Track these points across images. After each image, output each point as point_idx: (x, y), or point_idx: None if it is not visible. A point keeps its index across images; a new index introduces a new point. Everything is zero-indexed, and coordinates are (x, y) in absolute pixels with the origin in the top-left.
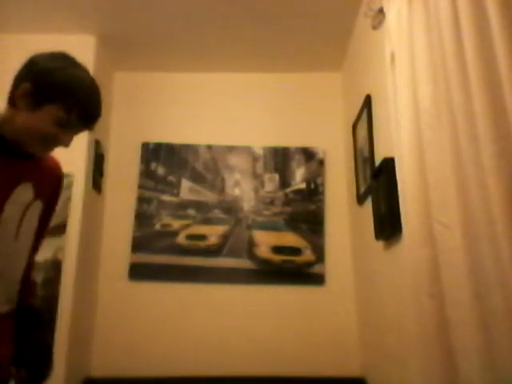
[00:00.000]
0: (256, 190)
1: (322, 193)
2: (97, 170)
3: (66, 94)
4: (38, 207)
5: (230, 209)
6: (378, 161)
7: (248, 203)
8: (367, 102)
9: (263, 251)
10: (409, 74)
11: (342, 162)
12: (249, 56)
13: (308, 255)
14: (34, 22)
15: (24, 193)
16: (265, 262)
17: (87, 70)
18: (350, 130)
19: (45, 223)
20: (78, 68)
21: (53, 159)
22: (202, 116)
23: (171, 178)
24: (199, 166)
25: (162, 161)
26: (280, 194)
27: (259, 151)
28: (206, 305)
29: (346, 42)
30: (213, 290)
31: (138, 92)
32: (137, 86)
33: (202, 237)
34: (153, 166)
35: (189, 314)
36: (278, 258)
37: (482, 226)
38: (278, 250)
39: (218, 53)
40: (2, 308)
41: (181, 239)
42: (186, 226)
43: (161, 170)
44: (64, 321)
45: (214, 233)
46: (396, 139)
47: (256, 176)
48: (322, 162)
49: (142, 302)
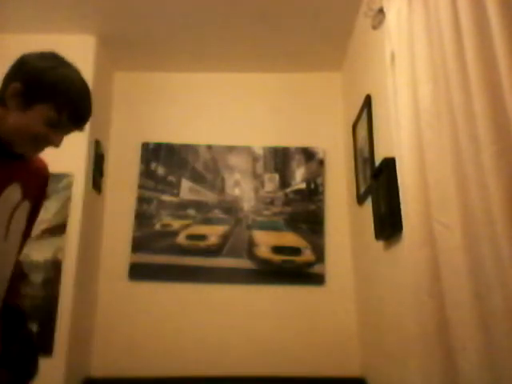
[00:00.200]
0: (256, 190)
1: (322, 193)
2: (97, 170)
3: (56, 94)
4: (25, 207)
5: (230, 209)
6: (377, 161)
7: (248, 203)
8: (367, 102)
9: (263, 251)
10: (409, 74)
11: (342, 162)
12: (249, 56)
13: (308, 255)
14: (34, 21)
15: (13, 193)
16: (265, 262)
17: (77, 69)
18: (350, 130)
19: (31, 223)
20: (68, 68)
21: (40, 160)
22: (201, 116)
23: (171, 178)
24: (199, 166)
25: (162, 161)
26: (280, 193)
27: (259, 151)
28: (206, 305)
29: (346, 42)
30: (213, 290)
31: (138, 92)
32: (137, 86)
33: (202, 237)
34: (153, 165)
35: (189, 314)
36: (278, 257)
37: (481, 226)
38: (278, 249)
39: (218, 53)
40: None
41: (181, 239)
42: (186, 226)
43: (161, 170)
44: (64, 321)
45: (213, 233)
46: (396, 139)
47: (256, 176)
48: (322, 162)
49: (142, 302)
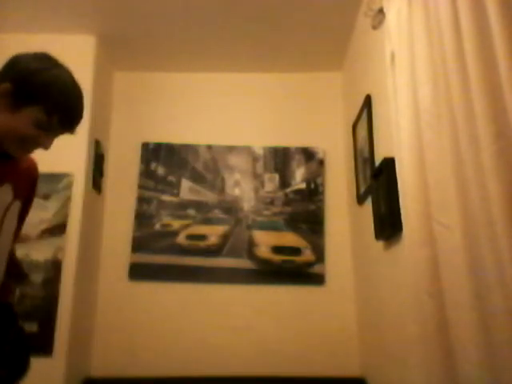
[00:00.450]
0: (256, 190)
1: (322, 193)
2: (97, 170)
3: (47, 96)
4: (17, 207)
5: (230, 209)
6: (378, 161)
7: (248, 203)
8: (367, 102)
9: (263, 251)
10: (409, 74)
11: (342, 162)
12: (249, 56)
13: (308, 255)
14: (34, 21)
15: (5, 194)
16: (265, 262)
17: (70, 71)
18: (350, 130)
19: (21, 223)
20: (60, 69)
21: (30, 159)
22: (202, 116)
23: (171, 178)
24: (199, 166)
25: (162, 161)
26: (280, 193)
27: (259, 151)
28: (206, 305)
29: (346, 42)
30: (213, 290)
31: (138, 92)
32: (137, 86)
33: (202, 237)
34: (153, 165)
35: (189, 313)
36: (278, 257)
37: (481, 226)
38: (278, 249)
39: (218, 53)
40: None
41: (181, 239)
42: (186, 226)
43: (161, 170)
44: (64, 321)
45: (214, 233)
46: (396, 139)
47: (256, 176)
48: (322, 162)
49: (142, 302)
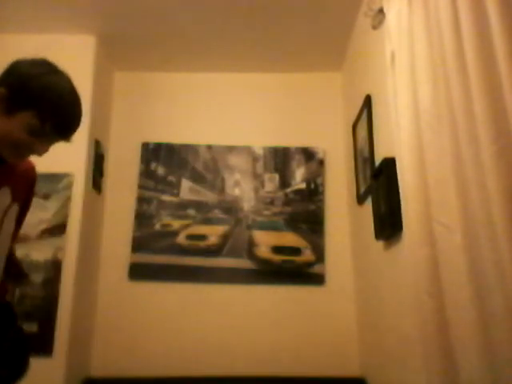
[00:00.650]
0: (256, 190)
1: (322, 193)
2: (97, 170)
3: (40, 102)
4: (15, 210)
5: (230, 209)
6: (378, 161)
7: (248, 203)
8: (367, 102)
9: (263, 251)
10: (409, 74)
11: (342, 162)
12: (249, 56)
13: (308, 255)
14: (34, 21)
15: (3, 197)
16: (265, 262)
17: (69, 78)
18: (350, 130)
19: (19, 225)
20: (58, 76)
21: (28, 161)
22: (201, 116)
23: (171, 178)
24: (199, 166)
25: (162, 161)
26: (280, 193)
27: (259, 151)
28: (206, 305)
29: (346, 42)
30: (213, 290)
31: (138, 92)
32: (137, 86)
33: (202, 237)
34: (153, 165)
35: (189, 313)
36: (278, 257)
37: (481, 226)
38: (278, 249)
39: (218, 53)
40: None
41: (181, 239)
42: (186, 226)
43: (161, 170)
44: (64, 321)
45: (213, 233)
46: (396, 139)
47: (256, 176)
48: (322, 162)
49: (142, 301)
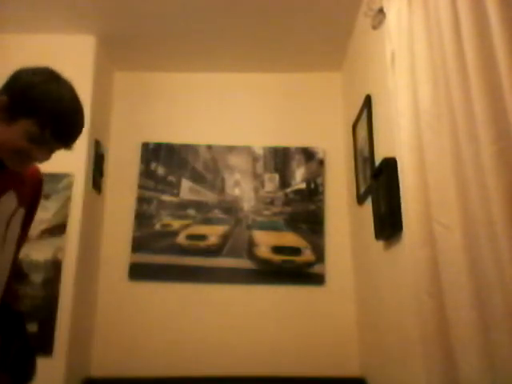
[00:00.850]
0: (256, 190)
1: (322, 193)
2: (97, 170)
3: (39, 109)
4: (20, 214)
5: (230, 209)
6: (377, 161)
7: (248, 203)
8: (367, 102)
9: (263, 251)
10: (409, 74)
11: (342, 162)
12: (249, 56)
13: (308, 255)
14: (34, 21)
15: (9, 201)
16: (265, 262)
17: (71, 86)
18: (350, 129)
19: (26, 229)
20: (58, 83)
21: (33, 166)
22: (201, 116)
23: (171, 178)
24: (199, 166)
25: (162, 161)
26: (280, 193)
27: (259, 151)
28: (206, 305)
29: (346, 42)
30: (213, 290)
31: (138, 92)
32: (137, 86)
33: (202, 237)
34: (153, 165)
35: (189, 314)
36: (278, 257)
37: (481, 226)
38: (278, 249)
39: (218, 53)
40: None
41: (181, 239)
42: (186, 226)
43: (161, 170)
44: (64, 321)
45: (213, 233)
46: (396, 139)
47: (256, 176)
48: (322, 162)
49: (142, 301)
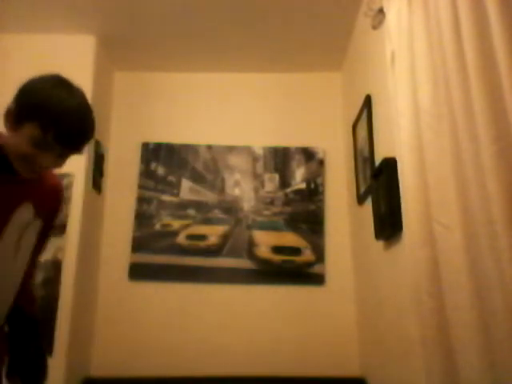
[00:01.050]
0: (256, 190)
1: (322, 193)
2: (97, 170)
3: (41, 112)
4: (36, 226)
5: (230, 209)
6: (377, 161)
7: (248, 203)
8: (367, 102)
9: (263, 251)
10: (409, 74)
11: (342, 161)
12: (249, 56)
13: (308, 255)
14: (34, 21)
15: (25, 213)
16: (265, 262)
17: (80, 93)
18: (350, 129)
19: (44, 240)
20: (64, 88)
21: (53, 176)
22: (201, 116)
23: (171, 178)
24: (199, 166)
25: (162, 161)
26: (280, 193)
27: (259, 151)
28: (206, 305)
29: (346, 42)
30: (213, 290)
31: (138, 92)
32: (137, 86)
33: (202, 237)
34: (153, 165)
35: (189, 314)
36: (278, 257)
37: (481, 226)
38: (278, 249)
39: (218, 53)
40: None
41: (181, 239)
42: (186, 226)
43: (161, 170)
44: (64, 321)
45: (214, 233)
46: (396, 139)
47: (256, 176)
48: (322, 162)
49: (142, 302)
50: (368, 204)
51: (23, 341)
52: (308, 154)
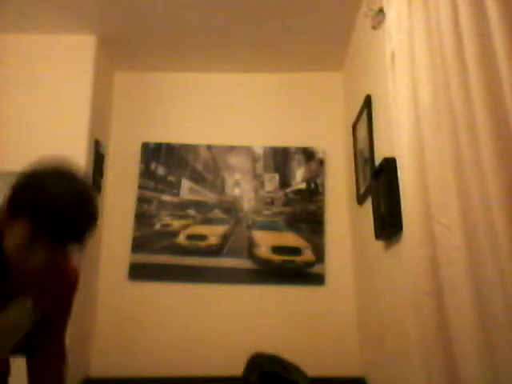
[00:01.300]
0: (256, 190)
1: (322, 193)
2: (97, 170)
3: (31, 210)
4: (32, 314)
5: (230, 209)
6: (377, 161)
7: (248, 203)
8: (367, 102)
9: (263, 251)
10: (409, 74)
11: (342, 161)
12: (249, 56)
13: (308, 255)
14: (34, 21)
15: (19, 306)
16: (265, 262)
17: (80, 183)
18: (350, 130)
19: (60, 320)
20: (59, 181)
21: (69, 269)
22: (202, 116)
23: (171, 178)
24: (199, 166)
25: (162, 161)
26: (280, 193)
27: (259, 151)
28: (206, 305)
29: (347, 42)
30: (213, 290)
31: (138, 92)
32: (137, 86)
33: (202, 237)
34: (153, 165)
35: (189, 314)
36: (278, 257)
37: (482, 226)
38: (278, 249)
39: (218, 53)
40: None
41: (181, 239)
42: (186, 226)
43: (161, 170)
44: None
45: (214, 233)
46: (396, 139)
47: (256, 176)
48: (322, 162)
49: (142, 302)
50: (368, 204)
51: None
52: (308, 154)
